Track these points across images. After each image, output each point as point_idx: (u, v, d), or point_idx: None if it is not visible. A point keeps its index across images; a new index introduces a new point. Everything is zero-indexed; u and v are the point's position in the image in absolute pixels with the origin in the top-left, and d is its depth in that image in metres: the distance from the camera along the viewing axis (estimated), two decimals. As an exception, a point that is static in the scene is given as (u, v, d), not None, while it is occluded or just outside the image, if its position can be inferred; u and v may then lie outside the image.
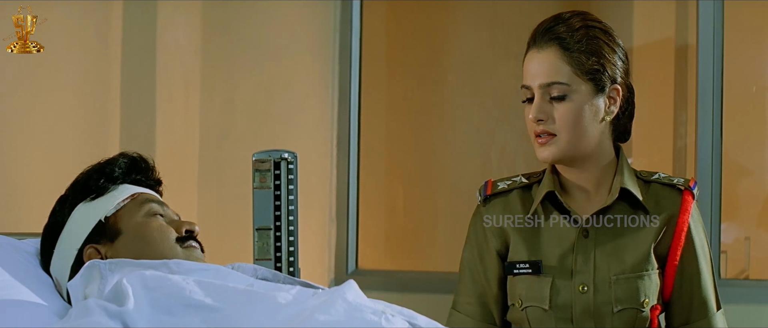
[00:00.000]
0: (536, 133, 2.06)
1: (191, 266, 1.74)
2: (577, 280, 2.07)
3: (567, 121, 2.04)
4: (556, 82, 2.03)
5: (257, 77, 3.50)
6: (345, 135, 3.50)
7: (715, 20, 3.18)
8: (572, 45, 2.04)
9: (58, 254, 1.87)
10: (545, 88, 2.04)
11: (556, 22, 2.07)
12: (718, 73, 3.18)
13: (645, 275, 2.07)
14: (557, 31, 2.05)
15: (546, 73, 2.04)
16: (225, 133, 3.50)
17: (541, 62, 2.04)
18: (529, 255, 2.10)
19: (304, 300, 1.62)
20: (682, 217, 2.09)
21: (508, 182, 2.18)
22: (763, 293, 3.14)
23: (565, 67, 2.03)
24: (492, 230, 2.15)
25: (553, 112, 2.04)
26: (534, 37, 2.07)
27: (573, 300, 2.06)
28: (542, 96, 2.04)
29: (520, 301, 2.10)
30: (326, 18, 3.49)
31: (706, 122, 3.17)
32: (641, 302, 2.06)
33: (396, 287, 3.42)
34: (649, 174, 2.14)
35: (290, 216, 2.05)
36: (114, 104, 3.37)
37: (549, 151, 2.06)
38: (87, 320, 1.54)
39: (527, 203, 2.14)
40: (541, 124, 2.05)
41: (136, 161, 1.96)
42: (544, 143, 2.06)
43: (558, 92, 2.04)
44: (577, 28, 2.05)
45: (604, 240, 2.08)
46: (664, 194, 2.11)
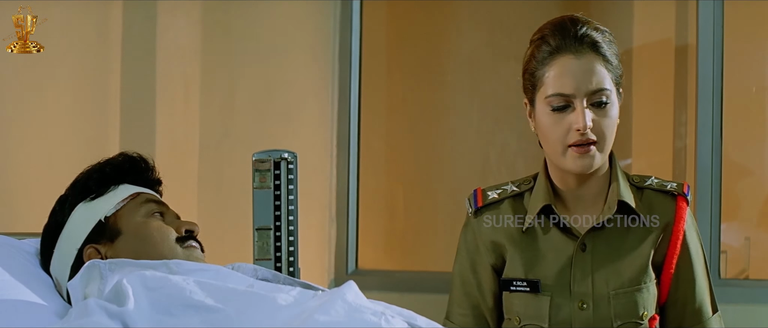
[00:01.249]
0: (578, 142, 1.97)
1: (191, 267, 1.74)
2: (576, 297, 2.03)
3: (609, 129, 1.98)
4: (603, 89, 1.97)
5: (257, 77, 3.50)
6: (345, 135, 3.50)
7: (715, 20, 3.18)
8: (606, 51, 1.99)
9: (58, 253, 1.87)
10: (590, 96, 1.96)
11: (580, 25, 1.99)
12: (718, 73, 3.18)
13: (643, 287, 2.04)
14: (592, 37, 1.98)
15: (593, 80, 1.96)
16: (225, 133, 3.50)
17: (583, 69, 1.96)
18: (526, 271, 2.06)
19: (304, 301, 1.62)
20: (678, 225, 2.06)
21: (498, 191, 2.12)
22: (763, 293, 3.14)
23: (607, 74, 1.98)
24: (485, 242, 2.11)
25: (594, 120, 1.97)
26: (564, 43, 1.98)
27: (572, 317, 2.03)
28: (589, 103, 1.97)
29: (519, 318, 2.06)
30: (326, 18, 3.49)
31: (706, 123, 3.17)
32: (640, 315, 2.03)
33: (396, 287, 3.42)
34: (641, 180, 2.10)
35: (290, 216, 2.05)
36: (114, 104, 3.37)
37: (592, 161, 1.98)
38: (87, 320, 1.54)
39: (520, 213, 2.09)
40: (586, 133, 1.96)
41: (136, 161, 1.96)
42: (586, 153, 1.97)
43: (603, 99, 1.97)
44: (601, 31, 2.00)
45: (601, 253, 2.04)
46: (657, 201, 2.07)
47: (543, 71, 2.00)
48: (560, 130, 1.98)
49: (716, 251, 3.13)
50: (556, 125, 1.98)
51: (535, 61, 2.01)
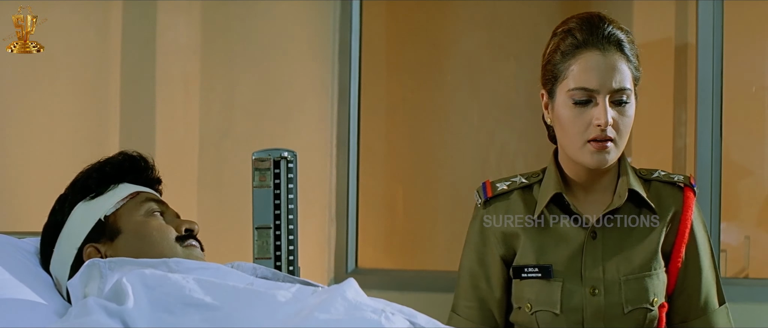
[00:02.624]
0: (596, 138, 2.00)
1: (191, 265, 1.74)
2: (588, 283, 2.06)
3: (627, 127, 2.02)
4: (625, 88, 2.00)
5: (257, 77, 3.50)
6: (344, 135, 3.50)
7: (714, 20, 3.18)
8: (630, 51, 2.02)
9: (58, 253, 1.87)
10: (613, 94, 1.99)
11: (606, 23, 2.02)
12: (718, 73, 3.18)
13: (653, 274, 2.07)
14: (618, 36, 2.01)
15: (618, 78, 1.99)
16: (225, 133, 3.50)
17: (608, 66, 1.99)
18: (538, 258, 2.09)
19: (304, 299, 1.62)
20: (686, 214, 2.09)
21: (507, 183, 2.15)
22: (763, 292, 3.14)
23: (629, 74, 2.01)
24: (494, 233, 2.14)
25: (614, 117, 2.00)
26: (589, 38, 2.01)
27: (584, 303, 2.06)
28: (609, 101, 2.00)
29: (530, 305, 2.09)
30: (326, 18, 3.49)
31: (706, 122, 3.17)
32: (651, 301, 2.06)
33: (395, 286, 3.42)
34: (648, 172, 2.14)
35: (290, 215, 2.05)
36: (114, 104, 3.37)
37: (608, 157, 2.01)
38: (87, 318, 1.54)
39: (530, 204, 2.12)
40: (606, 130, 2.00)
41: (135, 160, 1.96)
42: (603, 149, 2.01)
43: (624, 97, 2.00)
44: (626, 32, 2.03)
45: (611, 241, 2.08)
46: (665, 192, 2.11)
47: (567, 64, 2.02)
48: (580, 124, 2.01)
49: (716, 251, 3.13)
50: (576, 119, 2.01)
51: (559, 53, 2.04)
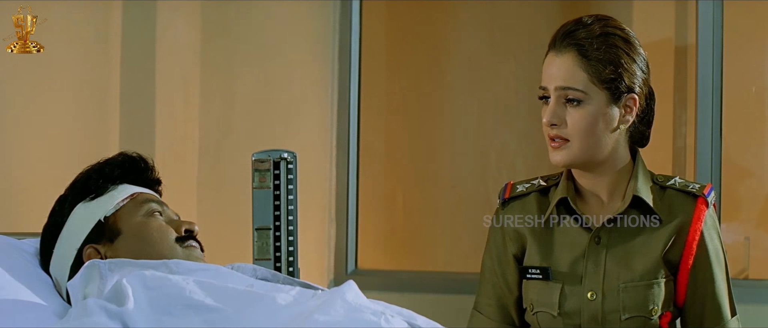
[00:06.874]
0: (550, 136, 2.05)
1: (191, 266, 1.74)
2: (587, 287, 2.06)
3: (580, 128, 2.03)
4: (571, 88, 2.02)
5: (257, 77, 3.50)
6: (344, 135, 3.51)
7: (714, 20, 3.18)
8: (591, 52, 2.02)
9: (58, 253, 1.87)
10: (560, 92, 2.02)
11: (577, 26, 2.05)
12: (718, 73, 3.18)
13: (654, 283, 2.06)
14: (577, 37, 2.03)
15: (562, 77, 2.02)
16: (225, 133, 3.50)
17: (558, 66, 2.03)
18: (542, 260, 2.10)
19: (304, 301, 1.62)
20: (694, 225, 2.08)
21: (526, 185, 2.18)
22: (763, 293, 3.15)
23: (582, 74, 2.02)
24: (509, 233, 2.16)
25: (566, 117, 2.03)
26: (554, 40, 2.05)
27: (581, 307, 2.06)
28: (557, 99, 2.03)
29: (532, 305, 2.11)
30: (325, 18, 3.50)
31: (706, 122, 3.17)
32: (650, 310, 2.05)
33: (395, 287, 3.42)
34: (665, 179, 2.13)
35: (290, 216, 2.05)
36: (114, 104, 3.37)
37: (560, 156, 2.05)
38: (87, 320, 1.54)
39: (544, 206, 2.14)
40: (554, 128, 2.04)
41: (135, 161, 1.96)
42: (557, 148, 2.05)
43: (571, 96, 2.02)
44: (597, 34, 2.03)
45: (615, 247, 2.07)
46: (678, 201, 2.10)
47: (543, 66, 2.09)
48: (544, 123, 2.06)
49: (716, 251, 3.13)
50: (543, 118, 2.07)
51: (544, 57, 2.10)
